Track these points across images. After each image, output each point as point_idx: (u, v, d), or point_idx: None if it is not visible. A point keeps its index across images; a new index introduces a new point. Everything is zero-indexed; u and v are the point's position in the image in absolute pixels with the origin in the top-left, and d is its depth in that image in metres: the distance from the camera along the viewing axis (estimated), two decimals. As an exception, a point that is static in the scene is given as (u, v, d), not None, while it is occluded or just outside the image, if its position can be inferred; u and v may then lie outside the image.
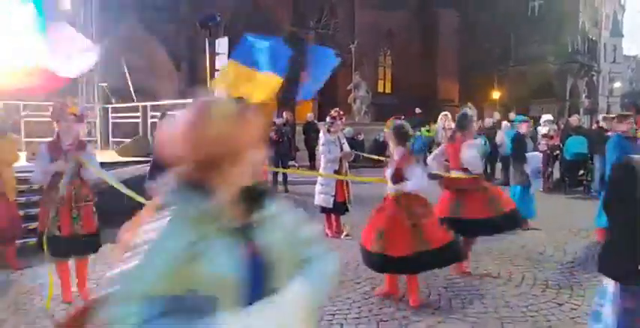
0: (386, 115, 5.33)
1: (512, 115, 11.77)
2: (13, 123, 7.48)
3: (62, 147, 3.94)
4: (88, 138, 5.68)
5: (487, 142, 10.72)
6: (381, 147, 11.50)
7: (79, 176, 3.92)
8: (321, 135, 6.36)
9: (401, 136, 3.99)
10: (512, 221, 4.55)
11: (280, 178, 9.79)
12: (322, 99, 20.18)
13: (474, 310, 3.73)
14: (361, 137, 13.87)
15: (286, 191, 9.51)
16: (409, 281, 3.89)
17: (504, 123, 11.32)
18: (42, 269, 4.57)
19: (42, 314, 3.65)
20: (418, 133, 12.15)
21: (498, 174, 10.89)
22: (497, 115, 12.68)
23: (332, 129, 6.06)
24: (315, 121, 12.64)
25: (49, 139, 4.11)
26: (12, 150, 4.91)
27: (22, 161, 5.86)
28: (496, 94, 30.05)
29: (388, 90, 30.55)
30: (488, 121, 11.51)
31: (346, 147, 6.10)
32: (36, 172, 3.96)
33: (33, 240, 4.89)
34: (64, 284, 3.94)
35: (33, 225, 5.02)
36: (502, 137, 9.63)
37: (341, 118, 6.18)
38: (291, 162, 10.98)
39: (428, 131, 10.72)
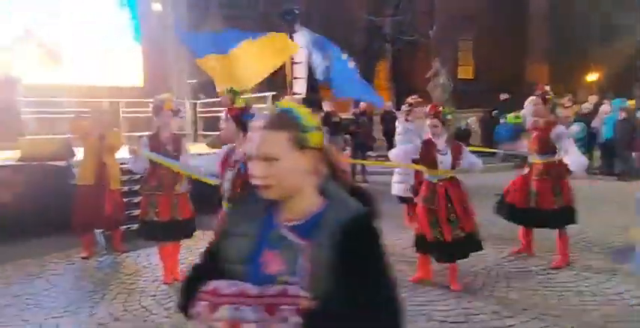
0: (468, 103, 5.09)
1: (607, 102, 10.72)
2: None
3: (161, 139, 4.27)
4: (182, 132, 6.07)
5: (585, 128, 9.89)
6: (465, 136, 11.03)
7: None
8: (397, 123, 6.22)
9: None
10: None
11: (359, 169, 9.79)
12: (399, 86, 19.75)
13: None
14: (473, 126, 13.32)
15: (365, 181, 9.49)
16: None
17: (603, 107, 10.35)
18: (144, 253, 5.04)
19: (145, 294, 4.00)
20: (505, 120, 11.50)
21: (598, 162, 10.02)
22: (593, 99, 11.61)
23: (409, 118, 5.88)
24: (393, 110, 12.42)
25: (149, 133, 4.46)
26: (117, 138, 5.35)
27: (124, 153, 6.43)
28: (592, 76, 27.42)
29: (470, 76, 29.08)
30: (586, 106, 10.57)
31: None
32: (137, 163, 4.31)
33: (135, 226, 5.38)
34: (165, 267, 4.28)
35: (135, 212, 5.51)
36: (600, 123, 8.81)
37: (419, 106, 5.97)
38: (369, 153, 10.91)
39: (516, 117, 10.09)
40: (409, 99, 5.93)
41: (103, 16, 10.81)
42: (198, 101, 10.78)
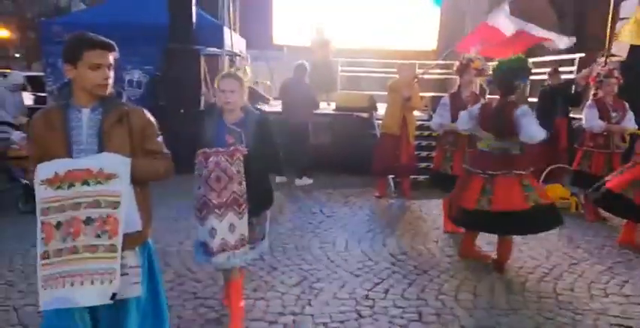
0: None
1: None
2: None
3: (462, 98, 4.42)
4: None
5: None
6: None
7: None
8: None
9: None
10: None
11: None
12: None
13: None
14: None
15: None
16: None
17: None
18: (427, 203, 5.46)
19: (428, 238, 4.38)
20: None
21: None
22: None
23: None
24: None
25: (451, 91, 4.66)
26: (419, 100, 5.80)
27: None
28: None
29: None
30: None
31: None
32: (435, 119, 4.59)
33: (424, 177, 5.84)
34: (445, 216, 4.56)
35: (423, 164, 5.97)
36: None
37: None
38: None
39: None
40: None
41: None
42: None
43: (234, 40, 7.38)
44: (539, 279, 3.55)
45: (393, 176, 6.05)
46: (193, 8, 6.75)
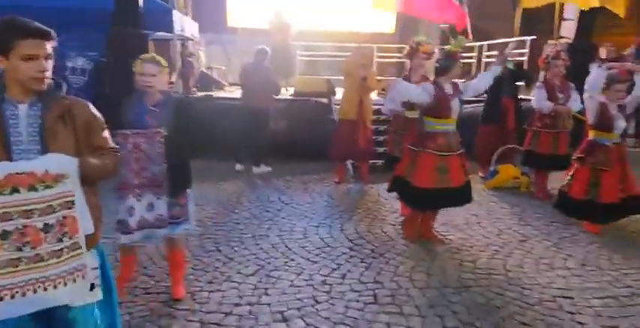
0: None
1: None
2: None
3: (413, 82, 4.44)
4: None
5: None
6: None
7: None
8: None
9: None
10: None
11: None
12: None
13: None
14: None
15: None
16: None
17: None
18: (385, 187, 5.52)
19: (385, 222, 4.44)
20: None
21: None
22: None
23: None
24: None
25: (403, 74, 4.68)
26: (375, 81, 5.78)
27: (373, 95, 6.95)
28: None
29: None
30: None
31: None
32: (387, 104, 4.61)
33: (382, 162, 5.88)
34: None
35: (381, 149, 6.01)
36: None
37: None
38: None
39: None
40: None
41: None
42: (445, 47, 10.58)
43: (185, 24, 7.12)
44: (490, 257, 3.67)
45: (351, 161, 6.07)
46: (139, -10, 6.43)
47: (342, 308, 2.88)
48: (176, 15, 7.24)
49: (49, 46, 1.67)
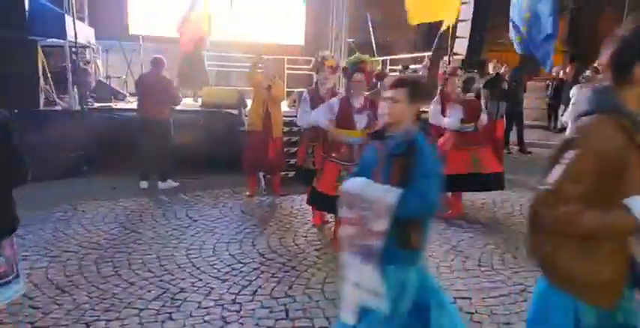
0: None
1: None
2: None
3: (320, 94, 4.53)
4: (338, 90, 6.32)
5: None
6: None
7: None
8: (572, 92, 5.56)
9: None
10: None
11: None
12: (576, 51, 17.26)
13: None
14: None
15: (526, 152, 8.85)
16: None
17: None
18: (298, 198, 5.53)
19: (298, 234, 4.43)
20: None
21: None
22: None
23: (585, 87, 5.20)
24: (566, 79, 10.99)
25: (310, 87, 4.75)
26: (281, 90, 5.79)
27: (284, 107, 6.97)
28: None
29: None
30: None
31: None
32: (301, 116, 4.63)
33: (292, 173, 5.88)
34: (315, 211, 4.66)
35: (292, 161, 6.02)
36: None
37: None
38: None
39: None
40: (595, 65, 5.24)
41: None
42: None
43: (78, 30, 6.59)
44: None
45: (263, 173, 6.00)
46: (25, -8, 5.86)
47: (252, 326, 2.80)
48: (68, 20, 6.70)
49: None
